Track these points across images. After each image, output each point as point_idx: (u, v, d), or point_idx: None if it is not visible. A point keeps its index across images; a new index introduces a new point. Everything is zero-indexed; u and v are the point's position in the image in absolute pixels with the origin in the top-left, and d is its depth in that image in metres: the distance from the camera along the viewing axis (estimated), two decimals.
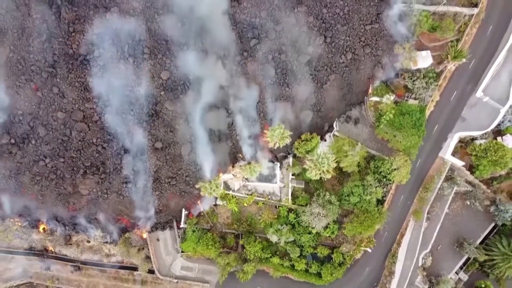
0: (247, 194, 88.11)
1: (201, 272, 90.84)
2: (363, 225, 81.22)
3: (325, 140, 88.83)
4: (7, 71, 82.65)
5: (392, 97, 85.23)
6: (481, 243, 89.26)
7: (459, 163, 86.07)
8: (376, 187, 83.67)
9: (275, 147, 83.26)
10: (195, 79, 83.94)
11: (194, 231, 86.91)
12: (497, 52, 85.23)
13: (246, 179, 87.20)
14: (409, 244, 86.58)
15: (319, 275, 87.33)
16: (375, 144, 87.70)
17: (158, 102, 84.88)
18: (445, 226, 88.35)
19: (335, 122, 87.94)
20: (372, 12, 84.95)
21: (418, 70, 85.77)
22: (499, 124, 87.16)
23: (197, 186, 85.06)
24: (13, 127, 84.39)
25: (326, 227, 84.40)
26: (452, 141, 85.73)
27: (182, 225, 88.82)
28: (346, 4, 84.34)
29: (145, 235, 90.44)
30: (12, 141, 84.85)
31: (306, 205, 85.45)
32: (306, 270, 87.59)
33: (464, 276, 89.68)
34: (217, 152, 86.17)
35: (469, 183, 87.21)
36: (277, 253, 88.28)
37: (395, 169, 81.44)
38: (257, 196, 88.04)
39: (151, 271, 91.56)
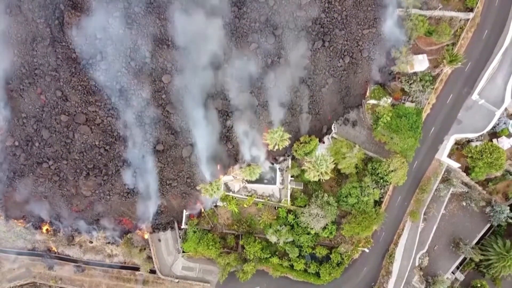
0: (247, 196, 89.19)
1: (202, 272, 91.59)
2: (360, 225, 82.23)
3: (324, 142, 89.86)
4: (11, 74, 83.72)
5: (389, 100, 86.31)
6: (477, 243, 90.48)
7: (455, 164, 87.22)
8: (373, 189, 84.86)
9: (275, 149, 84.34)
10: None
11: (195, 232, 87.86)
12: (492, 55, 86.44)
13: (246, 180, 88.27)
14: (406, 244, 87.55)
15: (317, 275, 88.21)
16: (372, 146, 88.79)
17: (160, 105, 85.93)
18: (442, 227, 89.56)
19: (333, 124, 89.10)
20: (369, 17, 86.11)
21: (415, 74, 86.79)
22: (494, 126, 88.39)
23: (198, 188, 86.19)
24: (17, 130, 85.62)
25: (325, 227, 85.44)
26: (448, 143, 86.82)
27: (183, 226, 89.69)
28: (344, 9, 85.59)
29: (146, 236, 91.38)
30: (16, 143, 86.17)
31: (305, 206, 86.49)
32: (305, 270, 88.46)
33: (460, 276, 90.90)
34: (217, 154, 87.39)
35: (465, 184, 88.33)
36: (276, 253, 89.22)
37: (392, 171, 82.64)
38: (257, 198, 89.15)
39: (152, 271, 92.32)
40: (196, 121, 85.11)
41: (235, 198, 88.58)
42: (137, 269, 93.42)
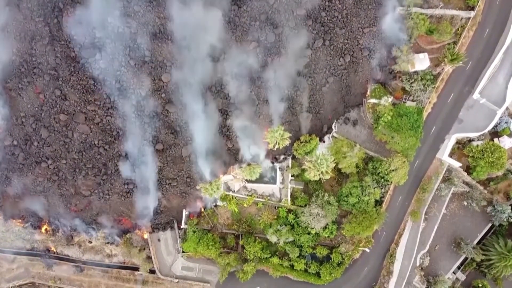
0: (247, 195, 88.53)
1: (201, 272, 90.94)
2: (361, 225, 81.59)
3: (324, 142, 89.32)
4: (10, 73, 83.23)
5: (390, 99, 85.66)
6: (478, 243, 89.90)
7: (456, 164, 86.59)
8: (374, 188, 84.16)
9: (275, 149, 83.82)
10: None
11: (194, 232, 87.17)
12: (493, 54, 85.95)
13: (246, 180, 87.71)
14: (407, 244, 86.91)
15: (318, 275, 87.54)
16: (373, 146, 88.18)
17: (159, 104, 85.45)
18: (443, 227, 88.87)
19: (333, 123, 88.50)
20: (370, 15, 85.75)
21: (416, 72, 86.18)
22: (495, 126, 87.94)
23: (197, 187, 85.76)
24: (16, 129, 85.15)
25: (325, 227, 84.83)
26: (449, 143, 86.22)
27: (183, 226, 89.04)
28: (344, 7, 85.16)
29: (146, 236, 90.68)
30: (15, 143, 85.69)
31: (305, 205, 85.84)
32: (305, 270, 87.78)
33: (461, 276, 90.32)
34: (217, 154, 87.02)
35: (466, 184, 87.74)
36: (277, 253, 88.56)
37: (393, 170, 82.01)
38: (257, 197, 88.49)
39: (152, 271, 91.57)
40: (196, 120, 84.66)
41: (235, 198, 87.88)
42: (136, 269, 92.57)
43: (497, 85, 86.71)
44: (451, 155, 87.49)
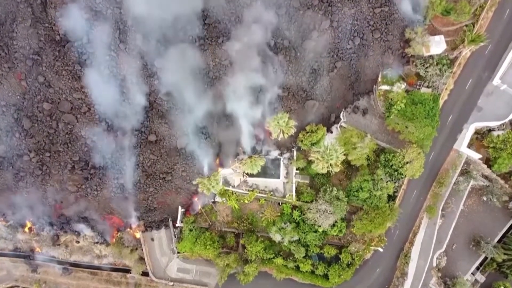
0: (248, 190, 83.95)
1: (199, 274, 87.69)
2: (373, 222, 76.99)
3: (332, 132, 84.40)
4: None
5: (403, 86, 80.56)
6: (499, 241, 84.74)
7: (476, 155, 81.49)
8: (387, 182, 79.38)
9: (279, 138, 79.03)
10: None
11: (191, 230, 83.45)
12: None
13: (247, 174, 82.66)
14: (423, 243, 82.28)
15: (326, 276, 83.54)
16: (385, 136, 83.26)
17: (152, 92, 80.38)
18: (461, 224, 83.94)
19: (342, 112, 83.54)
20: None
21: (431, 57, 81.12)
22: None
23: (194, 182, 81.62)
24: None
25: (333, 225, 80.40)
26: (467, 132, 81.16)
27: (178, 224, 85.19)
28: None
29: (138, 235, 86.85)
30: None
31: (312, 201, 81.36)
32: (312, 272, 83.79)
33: (481, 277, 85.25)
34: (216, 145, 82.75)
35: (486, 177, 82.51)
36: (281, 253, 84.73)
37: (407, 162, 76.86)
38: (259, 193, 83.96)
39: (145, 273, 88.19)
40: (193, 109, 79.86)
41: (235, 193, 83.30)
42: (128, 271, 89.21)
43: None
44: (469, 146, 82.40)
